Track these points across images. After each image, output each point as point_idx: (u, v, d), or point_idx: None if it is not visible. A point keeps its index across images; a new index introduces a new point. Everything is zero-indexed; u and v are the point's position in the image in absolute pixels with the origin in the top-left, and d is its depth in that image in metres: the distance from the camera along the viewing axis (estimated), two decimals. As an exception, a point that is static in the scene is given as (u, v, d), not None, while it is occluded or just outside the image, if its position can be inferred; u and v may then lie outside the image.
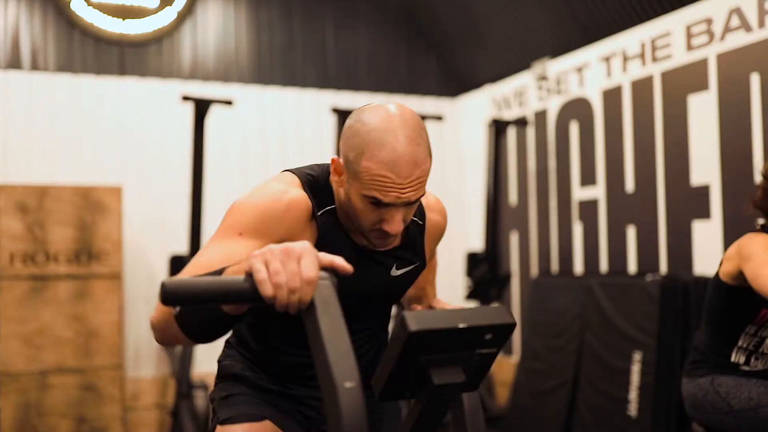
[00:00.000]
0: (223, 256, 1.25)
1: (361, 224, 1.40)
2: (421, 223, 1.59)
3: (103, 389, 4.13)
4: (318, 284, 0.98)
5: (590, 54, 4.36)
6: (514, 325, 0.94)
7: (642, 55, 3.97)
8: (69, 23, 4.72)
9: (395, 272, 1.54)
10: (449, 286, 5.41)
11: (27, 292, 4.01)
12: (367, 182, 1.32)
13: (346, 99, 5.27)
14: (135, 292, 4.60)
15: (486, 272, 4.66)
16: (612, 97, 4.19)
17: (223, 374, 1.62)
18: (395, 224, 1.37)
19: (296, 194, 1.41)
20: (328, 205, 1.46)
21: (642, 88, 3.98)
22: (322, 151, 5.07)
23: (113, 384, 4.15)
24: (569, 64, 4.53)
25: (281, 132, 5.12)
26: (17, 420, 3.96)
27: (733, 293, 2.31)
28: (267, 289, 0.96)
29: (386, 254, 1.53)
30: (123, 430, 4.19)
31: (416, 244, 1.58)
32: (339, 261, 1.02)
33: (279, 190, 1.40)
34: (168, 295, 0.95)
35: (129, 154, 4.73)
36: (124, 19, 4.82)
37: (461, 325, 0.90)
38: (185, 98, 4.08)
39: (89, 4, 4.74)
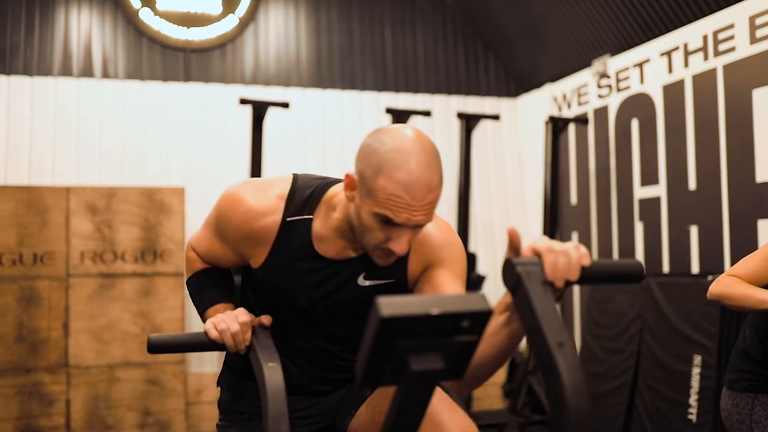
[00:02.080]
0: (209, 252, 1.68)
1: (368, 241, 1.43)
2: None
3: (167, 383, 4.28)
4: (256, 331, 1.50)
5: (651, 49, 4.25)
6: (489, 312, 0.94)
7: (704, 49, 3.84)
8: (137, 32, 4.92)
9: (363, 282, 1.55)
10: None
11: (96, 290, 4.20)
12: (382, 200, 1.35)
13: (404, 101, 5.30)
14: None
15: (544, 273, 4.59)
16: (673, 92, 4.07)
17: (221, 408, 1.75)
18: (401, 244, 1.39)
19: (263, 204, 1.53)
20: (304, 215, 1.52)
21: (704, 82, 3.85)
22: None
23: (176, 378, 4.30)
24: (629, 60, 4.42)
25: (340, 134, 5.19)
26: (87, 411, 4.15)
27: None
28: (215, 335, 1.48)
29: (352, 264, 1.54)
30: (186, 424, 4.33)
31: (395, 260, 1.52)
32: (263, 319, 1.54)
33: (251, 205, 1.54)
34: (152, 347, 1.45)
35: (192, 156, 4.89)
36: (188, 27, 4.99)
37: (434, 312, 0.90)
38: (243, 101, 4.20)
39: (156, 13, 4.93)
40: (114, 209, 4.27)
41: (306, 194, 1.54)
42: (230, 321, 1.46)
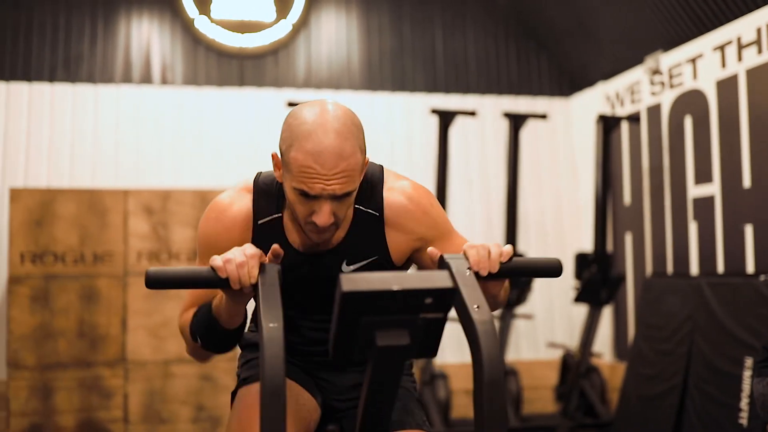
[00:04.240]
0: (205, 298, 1.56)
1: (298, 218, 1.45)
2: (377, 214, 1.55)
3: (219, 379, 4.40)
4: (265, 268, 1.28)
5: (704, 44, 4.14)
6: (452, 289, 0.96)
7: (758, 42, 3.72)
8: (194, 40, 5.10)
9: (347, 268, 1.55)
10: (558, 289, 5.29)
11: (152, 288, 4.35)
12: (296, 174, 1.37)
13: (454, 102, 5.30)
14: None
15: (596, 273, 4.53)
16: (727, 87, 3.95)
17: (244, 344, 1.76)
18: (323, 216, 1.39)
19: (234, 210, 1.54)
20: (272, 213, 1.54)
21: (758, 76, 3.73)
22: (428, 155, 5.12)
23: (228, 375, 4.41)
24: (682, 55, 4.32)
25: (389, 136, 5.24)
26: (144, 405, 4.31)
27: None
28: (219, 266, 1.28)
29: (332, 254, 1.54)
30: (238, 419, 4.43)
31: (372, 237, 1.55)
32: (274, 247, 1.33)
33: (219, 209, 1.55)
34: (151, 281, 1.25)
35: (244, 158, 5.02)
36: (243, 33, 5.13)
37: (395, 288, 0.93)
38: (290, 105, 4.29)
39: (212, 20, 5.09)
40: (169, 210, 4.43)
41: (271, 191, 1.55)
42: (238, 252, 1.29)
